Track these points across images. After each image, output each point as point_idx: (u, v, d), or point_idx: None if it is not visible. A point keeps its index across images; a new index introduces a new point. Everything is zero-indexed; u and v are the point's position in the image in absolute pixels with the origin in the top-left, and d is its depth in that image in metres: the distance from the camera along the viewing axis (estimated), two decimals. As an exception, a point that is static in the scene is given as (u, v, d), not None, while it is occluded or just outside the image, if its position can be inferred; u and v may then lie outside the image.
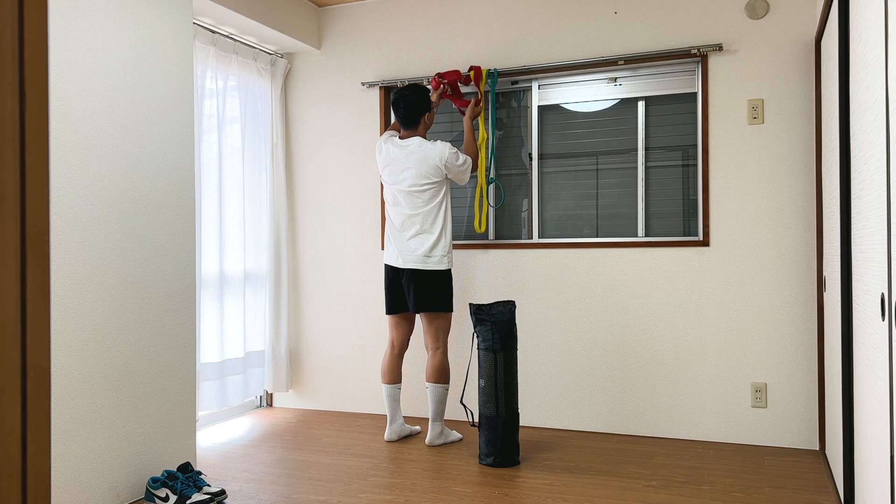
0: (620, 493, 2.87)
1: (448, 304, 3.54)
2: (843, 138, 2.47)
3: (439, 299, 3.51)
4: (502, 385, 3.23)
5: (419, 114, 3.57)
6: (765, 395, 3.50)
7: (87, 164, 2.63)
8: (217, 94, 3.86)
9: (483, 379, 3.25)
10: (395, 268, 3.57)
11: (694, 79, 3.67)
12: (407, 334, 3.69)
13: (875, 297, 1.95)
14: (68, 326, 2.55)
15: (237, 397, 4.05)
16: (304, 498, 2.86)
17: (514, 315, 3.33)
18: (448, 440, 3.59)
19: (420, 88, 3.57)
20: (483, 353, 3.26)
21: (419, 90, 3.56)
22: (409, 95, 3.54)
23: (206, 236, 3.80)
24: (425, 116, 3.60)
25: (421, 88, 3.58)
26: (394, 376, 3.65)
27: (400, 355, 3.68)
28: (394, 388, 3.64)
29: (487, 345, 3.24)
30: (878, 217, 1.89)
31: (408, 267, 3.51)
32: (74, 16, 2.59)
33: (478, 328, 3.28)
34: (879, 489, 1.92)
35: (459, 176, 3.56)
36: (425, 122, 3.61)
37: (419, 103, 3.56)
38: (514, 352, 3.28)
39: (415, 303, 3.52)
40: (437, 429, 3.54)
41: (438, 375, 3.53)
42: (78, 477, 2.59)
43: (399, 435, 3.66)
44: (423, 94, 3.57)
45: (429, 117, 3.63)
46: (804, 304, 3.45)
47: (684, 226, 3.71)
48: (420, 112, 3.57)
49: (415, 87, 3.57)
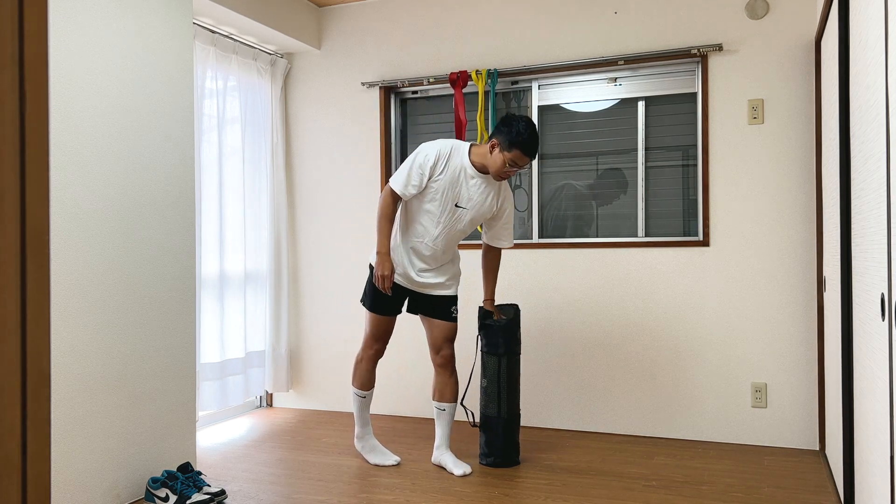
0: (620, 493, 2.87)
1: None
2: (843, 138, 2.47)
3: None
4: (505, 387, 3.20)
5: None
6: (765, 395, 3.50)
7: (86, 164, 2.63)
8: (217, 94, 3.86)
9: (486, 379, 3.22)
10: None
11: (694, 79, 3.67)
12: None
13: (875, 297, 1.95)
14: (68, 326, 2.55)
15: (237, 397, 4.05)
16: (304, 498, 2.86)
17: (519, 319, 3.30)
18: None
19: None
20: (487, 355, 3.22)
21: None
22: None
23: (206, 236, 3.80)
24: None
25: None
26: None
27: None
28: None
29: (492, 348, 3.21)
30: (878, 217, 1.89)
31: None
32: (74, 16, 2.59)
33: (483, 332, 3.25)
34: (879, 489, 1.92)
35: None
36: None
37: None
38: (518, 356, 3.25)
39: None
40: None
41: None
42: (78, 477, 2.59)
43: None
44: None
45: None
46: (804, 304, 3.45)
47: (684, 226, 3.71)
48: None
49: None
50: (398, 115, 4.30)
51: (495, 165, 2.96)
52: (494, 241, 3.23)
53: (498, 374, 3.20)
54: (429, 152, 3.02)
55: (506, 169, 2.96)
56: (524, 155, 2.93)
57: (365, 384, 3.27)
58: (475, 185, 3.03)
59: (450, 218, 3.05)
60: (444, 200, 3.02)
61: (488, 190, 3.06)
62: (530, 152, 2.95)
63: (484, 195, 3.05)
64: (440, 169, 3.00)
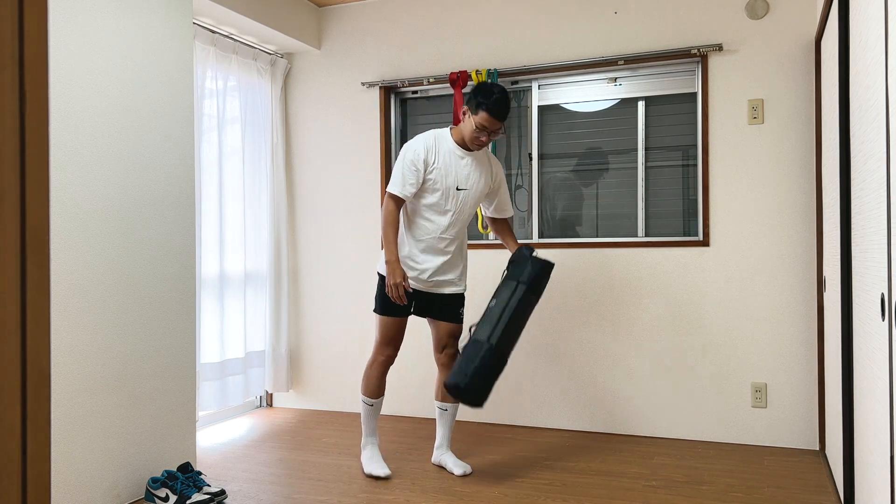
0: (620, 493, 2.87)
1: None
2: (843, 138, 2.47)
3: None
4: (509, 316, 2.90)
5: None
6: (765, 395, 3.50)
7: (86, 163, 2.63)
8: (217, 94, 3.86)
9: (495, 301, 2.96)
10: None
11: (694, 79, 3.67)
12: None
13: (875, 297, 1.95)
14: (68, 326, 2.55)
15: (237, 397, 4.05)
16: (304, 498, 2.86)
17: (550, 274, 3.03)
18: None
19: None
20: (506, 282, 2.98)
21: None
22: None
23: (206, 236, 3.80)
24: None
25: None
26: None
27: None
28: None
29: (515, 275, 2.96)
30: (878, 217, 1.89)
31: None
32: (74, 16, 2.59)
33: (511, 264, 3.03)
34: (879, 489, 1.92)
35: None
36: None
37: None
38: (537, 297, 2.98)
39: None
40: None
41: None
42: (78, 477, 2.59)
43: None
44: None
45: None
46: (804, 304, 3.45)
47: (684, 226, 3.71)
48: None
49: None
50: (398, 115, 4.30)
51: (468, 132, 2.98)
52: (500, 212, 3.25)
53: (509, 300, 2.92)
54: (416, 147, 3.02)
55: (476, 134, 2.96)
56: (492, 117, 2.92)
57: (374, 392, 3.13)
58: (467, 163, 3.05)
59: (456, 203, 3.05)
60: (445, 188, 3.02)
61: (480, 165, 3.09)
62: (498, 114, 2.92)
63: (478, 171, 3.07)
64: (433, 159, 3.01)
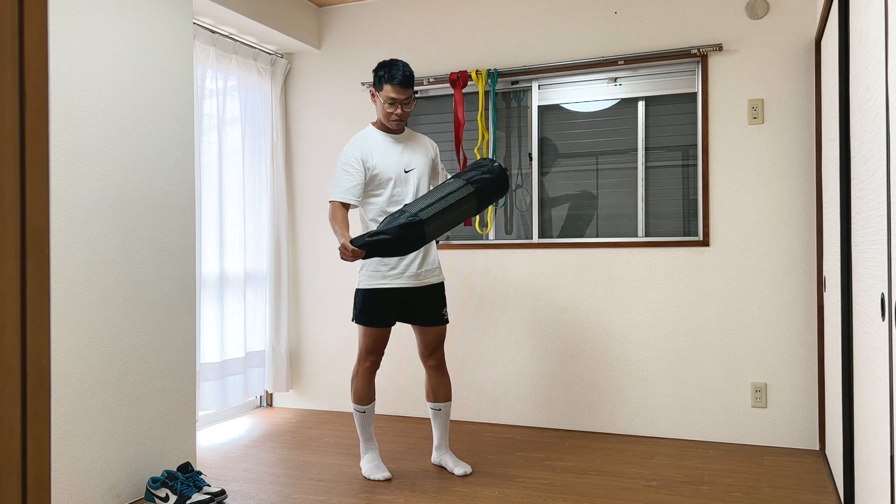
0: (620, 493, 2.87)
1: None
2: (843, 138, 2.47)
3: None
4: (444, 206, 2.73)
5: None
6: (765, 395, 3.50)
7: (87, 164, 2.63)
8: (217, 94, 3.86)
9: (438, 189, 2.81)
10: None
11: (694, 79, 3.67)
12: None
13: (875, 297, 1.95)
14: (68, 326, 2.55)
15: (237, 397, 4.05)
16: (304, 498, 2.86)
17: (508, 182, 2.92)
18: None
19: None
20: (456, 178, 2.84)
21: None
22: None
23: (206, 236, 3.80)
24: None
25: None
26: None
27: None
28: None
29: (471, 177, 2.82)
30: (878, 217, 1.89)
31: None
32: (74, 16, 2.59)
33: (473, 168, 2.88)
34: (879, 489, 1.92)
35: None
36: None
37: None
38: (475, 208, 2.83)
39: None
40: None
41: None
42: (78, 477, 2.59)
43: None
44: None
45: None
46: (804, 304, 3.45)
47: (684, 226, 3.71)
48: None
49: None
50: (398, 115, 4.30)
51: (381, 112, 3.02)
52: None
53: (448, 193, 2.76)
54: (348, 150, 3.02)
55: (389, 109, 2.98)
56: (396, 86, 2.94)
57: (364, 398, 3.09)
58: (401, 147, 3.07)
59: (411, 185, 3.05)
60: (396, 175, 3.02)
61: (413, 143, 3.12)
62: (401, 81, 2.93)
63: (415, 149, 3.10)
64: (368, 154, 3.00)
